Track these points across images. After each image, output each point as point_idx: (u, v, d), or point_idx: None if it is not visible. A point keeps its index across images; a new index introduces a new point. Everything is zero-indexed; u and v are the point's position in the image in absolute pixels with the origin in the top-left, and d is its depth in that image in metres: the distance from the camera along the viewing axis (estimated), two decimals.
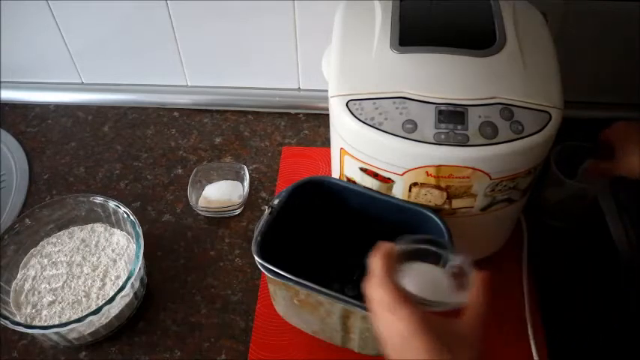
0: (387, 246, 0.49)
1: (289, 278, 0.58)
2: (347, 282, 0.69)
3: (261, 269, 0.60)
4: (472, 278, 0.48)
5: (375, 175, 0.62)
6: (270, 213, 0.63)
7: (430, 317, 0.44)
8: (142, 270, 0.72)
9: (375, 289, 0.46)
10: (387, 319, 0.45)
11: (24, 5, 0.89)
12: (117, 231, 0.78)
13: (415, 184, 0.60)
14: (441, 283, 0.49)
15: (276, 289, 0.64)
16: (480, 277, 0.47)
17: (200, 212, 0.83)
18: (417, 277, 0.49)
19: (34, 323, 0.69)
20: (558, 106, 0.58)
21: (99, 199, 0.76)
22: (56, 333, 0.66)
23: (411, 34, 0.62)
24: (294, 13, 0.85)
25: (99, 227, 0.79)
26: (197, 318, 0.73)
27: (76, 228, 0.79)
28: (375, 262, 0.48)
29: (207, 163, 0.89)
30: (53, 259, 0.75)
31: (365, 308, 0.51)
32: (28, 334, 0.71)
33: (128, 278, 0.68)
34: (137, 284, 0.71)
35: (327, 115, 0.65)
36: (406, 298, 0.45)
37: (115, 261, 0.75)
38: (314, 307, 0.62)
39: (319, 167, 0.88)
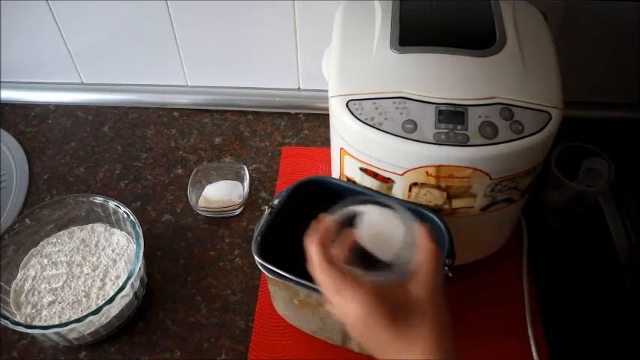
0: (318, 226, 0.47)
1: (289, 278, 0.58)
2: None
3: (261, 269, 0.60)
4: (416, 232, 0.47)
5: (375, 175, 0.62)
6: (270, 213, 0.63)
7: (381, 291, 0.43)
8: (142, 270, 0.72)
9: (319, 276, 0.45)
10: (338, 302, 0.44)
11: (24, 5, 0.89)
12: (117, 231, 0.78)
13: (415, 184, 0.60)
14: (390, 235, 0.48)
15: (276, 289, 0.64)
16: (422, 230, 0.46)
17: (200, 212, 0.83)
18: (367, 236, 0.48)
19: (34, 323, 0.69)
20: (558, 106, 0.58)
21: (99, 199, 0.76)
22: (56, 333, 0.66)
23: (411, 34, 0.62)
24: (294, 13, 0.85)
25: (99, 227, 0.79)
26: (197, 318, 0.73)
27: (76, 228, 0.79)
28: (311, 249, 0.46)
29: (207, 163, 0.89)
30: (53, 259, 0.75)
31: None
32: (28, 334, 0.71)
33: (128, 278, 0.68)
34: (137, 284, 0.71)
35: (327, 115, 0.65)
36: (351, 278, 0.44)
37: (115, 261, 0.75)
38: (314, 307, 0.62)
39: (319, 167, 0.88)
